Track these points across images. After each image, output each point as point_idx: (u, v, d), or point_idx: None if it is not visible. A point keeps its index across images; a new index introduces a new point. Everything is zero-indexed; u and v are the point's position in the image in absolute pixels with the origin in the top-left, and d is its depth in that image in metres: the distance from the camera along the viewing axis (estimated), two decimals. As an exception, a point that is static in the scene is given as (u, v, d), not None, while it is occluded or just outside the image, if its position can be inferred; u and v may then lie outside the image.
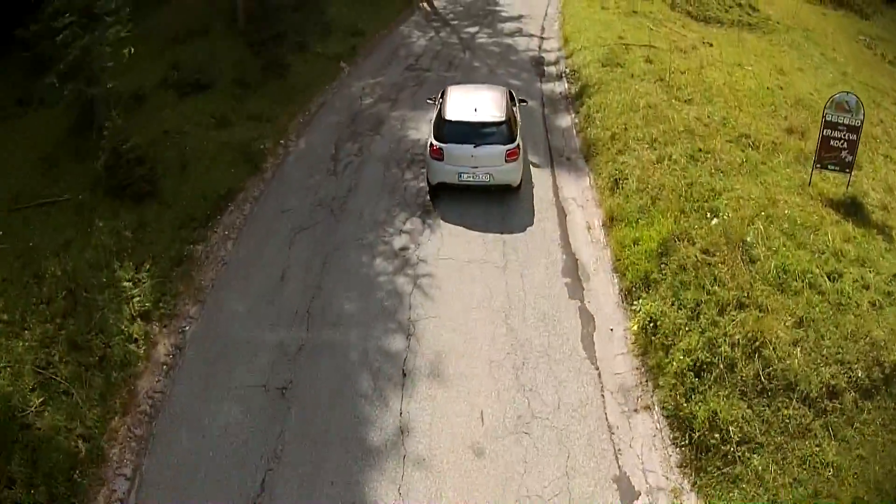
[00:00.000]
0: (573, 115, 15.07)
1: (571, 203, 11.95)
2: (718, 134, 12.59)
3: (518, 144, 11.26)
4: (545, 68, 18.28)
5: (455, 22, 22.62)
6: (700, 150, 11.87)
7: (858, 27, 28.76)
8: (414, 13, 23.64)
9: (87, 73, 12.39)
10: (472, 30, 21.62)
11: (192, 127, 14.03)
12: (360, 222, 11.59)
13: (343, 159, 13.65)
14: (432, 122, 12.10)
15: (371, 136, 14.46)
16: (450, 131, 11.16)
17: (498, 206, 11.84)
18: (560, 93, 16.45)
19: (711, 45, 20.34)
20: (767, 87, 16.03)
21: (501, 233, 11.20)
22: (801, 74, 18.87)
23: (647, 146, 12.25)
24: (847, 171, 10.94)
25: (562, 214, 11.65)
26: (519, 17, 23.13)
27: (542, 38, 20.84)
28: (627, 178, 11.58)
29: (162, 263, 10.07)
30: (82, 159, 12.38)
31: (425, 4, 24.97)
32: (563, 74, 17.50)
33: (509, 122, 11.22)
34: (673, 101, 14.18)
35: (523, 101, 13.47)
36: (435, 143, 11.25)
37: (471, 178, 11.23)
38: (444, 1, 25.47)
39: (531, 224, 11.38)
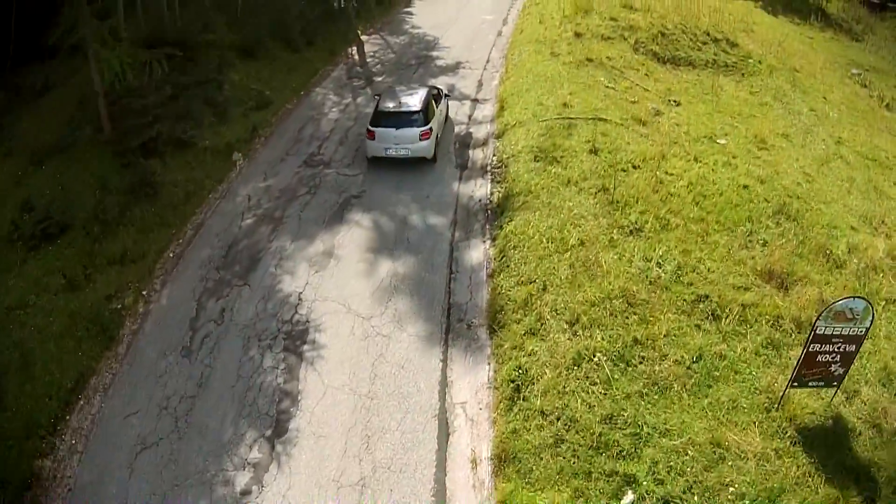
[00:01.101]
0: (488, 244, 11.83)
1: (460, 414, 8.79)
2: (667, 300, 9.41)
3: (430, 128, 13.82)
4: (470, 153, 14.98)
5: (380, 78, 19.28)
6: (636, 340, 8.68)
7: (850, 55, 25.21)
8: (336, 67, 20.29)
9: None
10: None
11: (39, 295, 11.58)
12: (203, 442, 8.87)
13: (202, 327, 10.64)
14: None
15: (239, 286, 11.32)
16: (380, 119, 13.91)
17: (365, 420, 8.82)
18: (479, 200, 13.17)
19: (679, 103, 17.00)
20: (744, 186, 12.73)
21: (361, 471, 8.21)
22: (787, 145, 15.53)
23: (565, 326, 9.06)
24: (835, 384, 7.82)
25: (443, 434, 8.54)
26: (456, 68, 19.77)
27: (475, 102, 17.50)
28: (533, 385, 8.46)
29: (10, 490, 8.61)
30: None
31: (354, 52, 21.62)
32: (489, 167, 14.23)
33: (424, 111, 13.87)
34: (615, 231, 10.91)
35: (447, 94, 16.36)
36: (370, 127, 14.01)
37: (394, 153, 13.92)
38: (377, 46, 22.16)
39: (402, 453, 8.32)
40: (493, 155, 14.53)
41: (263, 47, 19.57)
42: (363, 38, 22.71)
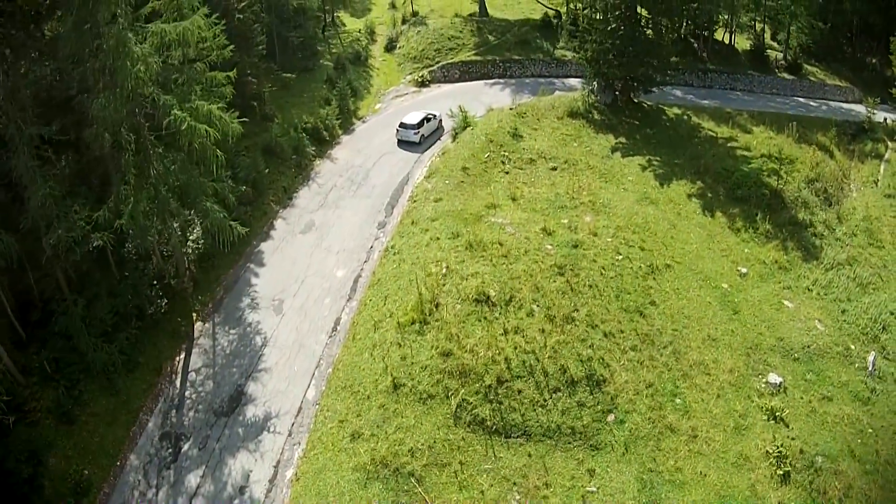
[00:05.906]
0: None
1: None
2: None
3: (420, 131, 31.01)
4: None
5: (184, 450, 17.47)
6: None
7: (783, 328, 19.24)
8: (156, 405, 18.51)
9: None
10: (198, 476, 16.63)
11: None
12: None
13: None
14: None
15: None
16: (401, 125, 31.42)
17: None
18: None
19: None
20: None
21: None
22: None
23: None
24: None
25: None
26: (258, 435, 17.44)
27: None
28: None
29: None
30: None
31: (179, 366, 19.65)
32: None
33: (420, 124, 31.18)
34: None
35: (437, 117, 32.80)
36: (398, 128, 31.46)
37: (405, 139, 31.20)
38: (203, 356, 19.84)
39: None
40: None
41: (80, 401, 18.17)
42: (197, 326, 20.49)
